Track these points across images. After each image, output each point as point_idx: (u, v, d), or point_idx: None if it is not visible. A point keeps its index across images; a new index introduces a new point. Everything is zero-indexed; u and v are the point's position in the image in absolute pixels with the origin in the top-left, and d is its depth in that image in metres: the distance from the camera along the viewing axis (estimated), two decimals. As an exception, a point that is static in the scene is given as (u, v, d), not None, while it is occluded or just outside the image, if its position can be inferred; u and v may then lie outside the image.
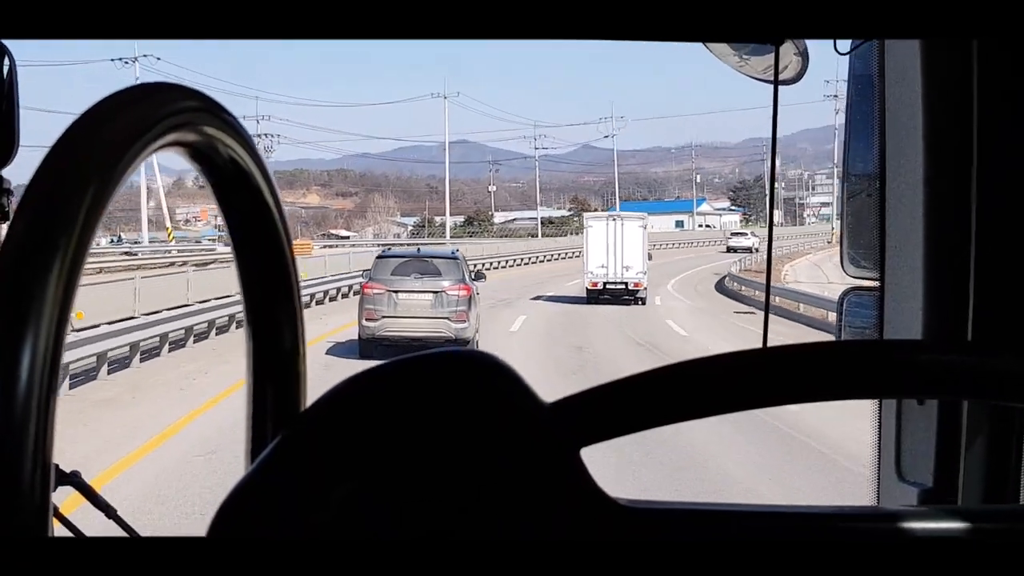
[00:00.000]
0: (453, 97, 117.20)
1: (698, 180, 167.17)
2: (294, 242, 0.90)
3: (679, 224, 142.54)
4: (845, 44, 1.73)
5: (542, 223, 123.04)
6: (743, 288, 38.62)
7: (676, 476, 11.58)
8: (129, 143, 0.67)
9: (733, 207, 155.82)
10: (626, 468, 11.16)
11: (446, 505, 0.69)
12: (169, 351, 21.11)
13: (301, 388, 0.87)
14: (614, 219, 37.17)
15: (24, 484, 0.60)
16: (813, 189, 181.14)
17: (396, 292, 21.31)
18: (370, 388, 0.72)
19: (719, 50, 1.96)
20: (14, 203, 1.67)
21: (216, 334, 23.96)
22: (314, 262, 38.67)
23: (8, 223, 0.64)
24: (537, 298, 37.50)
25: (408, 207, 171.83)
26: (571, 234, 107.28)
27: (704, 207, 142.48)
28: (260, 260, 0.85)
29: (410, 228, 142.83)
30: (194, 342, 22.66)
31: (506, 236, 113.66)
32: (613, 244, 35.59)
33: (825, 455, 12.65)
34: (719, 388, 0.72)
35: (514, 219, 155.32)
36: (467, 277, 22.26)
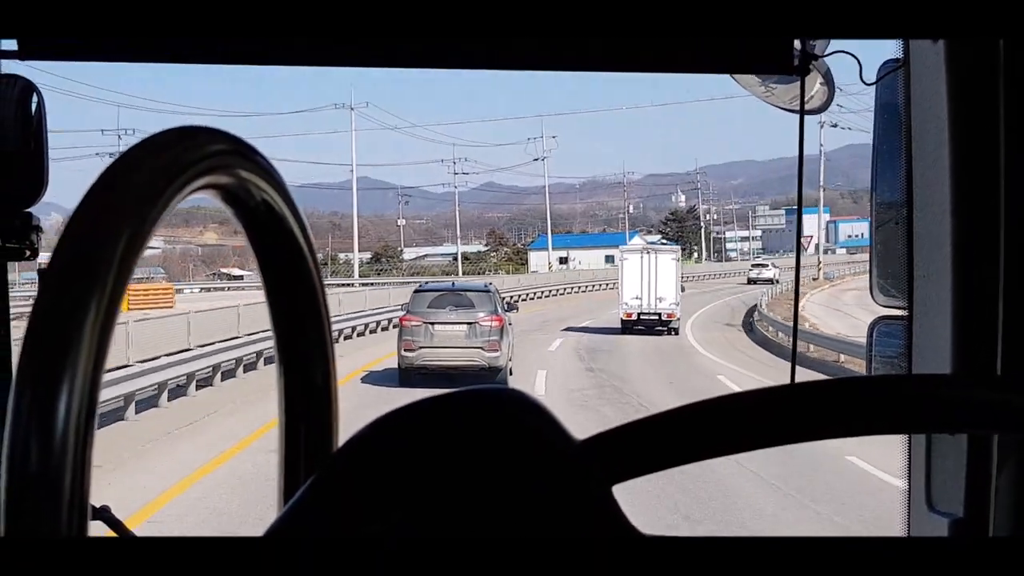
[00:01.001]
0: (361, 108, 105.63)
1: (631, 211, 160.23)
2: (149, 289, 0.85)
3: (609, 260, 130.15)
4: (871, 74, 1.73)
5: (456, 259, 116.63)
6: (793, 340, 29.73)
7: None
8: (164, 187, 0.68)
9: (664, 240, 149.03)
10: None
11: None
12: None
13: (334, 428, 0.88)
14: (648, 252, 38.43)
15: (61, 528, 0.61)
16: (755, 223, 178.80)
17: (432, 324, 22.53)
18: (401, 428, 0.72)
19: (745, 80, 1.95)
20: (43, 240, 1.87)
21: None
22: (175, 322, 25.69)
23: (39, 262, 0.67)
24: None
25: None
26: (489, 272, 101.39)
27: (635, 240, 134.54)
28: (292, 302, 0.86)
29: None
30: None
31: (418, 273, 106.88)
32: (647, 276, 36.67)
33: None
34: (751, 424, 0.72)
35: (425, 255, 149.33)
36: (499, 308, 23.23)
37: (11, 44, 1.71)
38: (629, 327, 36.27)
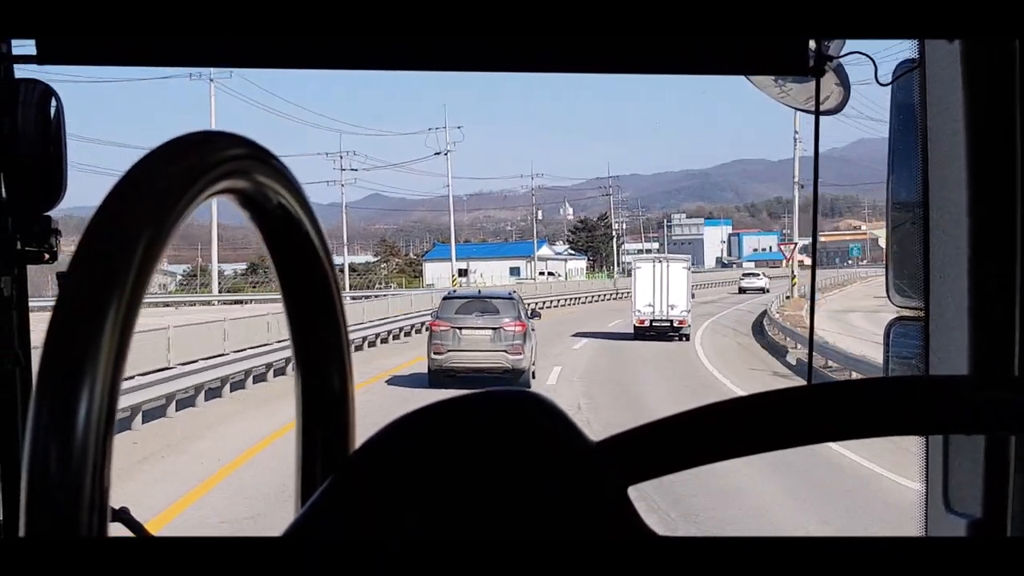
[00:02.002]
0: (224, 79, 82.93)
1: (520, 222, 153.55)
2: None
3: (515, 272, 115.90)
4: (887, 75, 1.74)
5: (343, 270, 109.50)
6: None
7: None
8: (183, 192, 0.68)
9: (572, 251, 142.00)
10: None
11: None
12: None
13: (350, 430, 0.88)
14: (660, 261, 39.10)
15: (80, 531, 0.61)
16: (671, 228, 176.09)
17: (460, 329, 23.84)
18: (417, 430, 0.72)
19: (760, 81, 1.94)
20: (61, 243, 1.91)
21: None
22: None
23: (59, 271, 0.67)
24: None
25: (184, 255, 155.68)
26: (379, 284, 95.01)
27: (544, 250, 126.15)
28: (309, 305, 0.87)
29: (179, 278, 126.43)
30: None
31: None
32: (659, 284, 37.31)
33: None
34: (767, 425, 0.72)
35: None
36: (523, 315, 24.43)
37: (30, 49, 1.72)
38: (642, 333, 36.92)
